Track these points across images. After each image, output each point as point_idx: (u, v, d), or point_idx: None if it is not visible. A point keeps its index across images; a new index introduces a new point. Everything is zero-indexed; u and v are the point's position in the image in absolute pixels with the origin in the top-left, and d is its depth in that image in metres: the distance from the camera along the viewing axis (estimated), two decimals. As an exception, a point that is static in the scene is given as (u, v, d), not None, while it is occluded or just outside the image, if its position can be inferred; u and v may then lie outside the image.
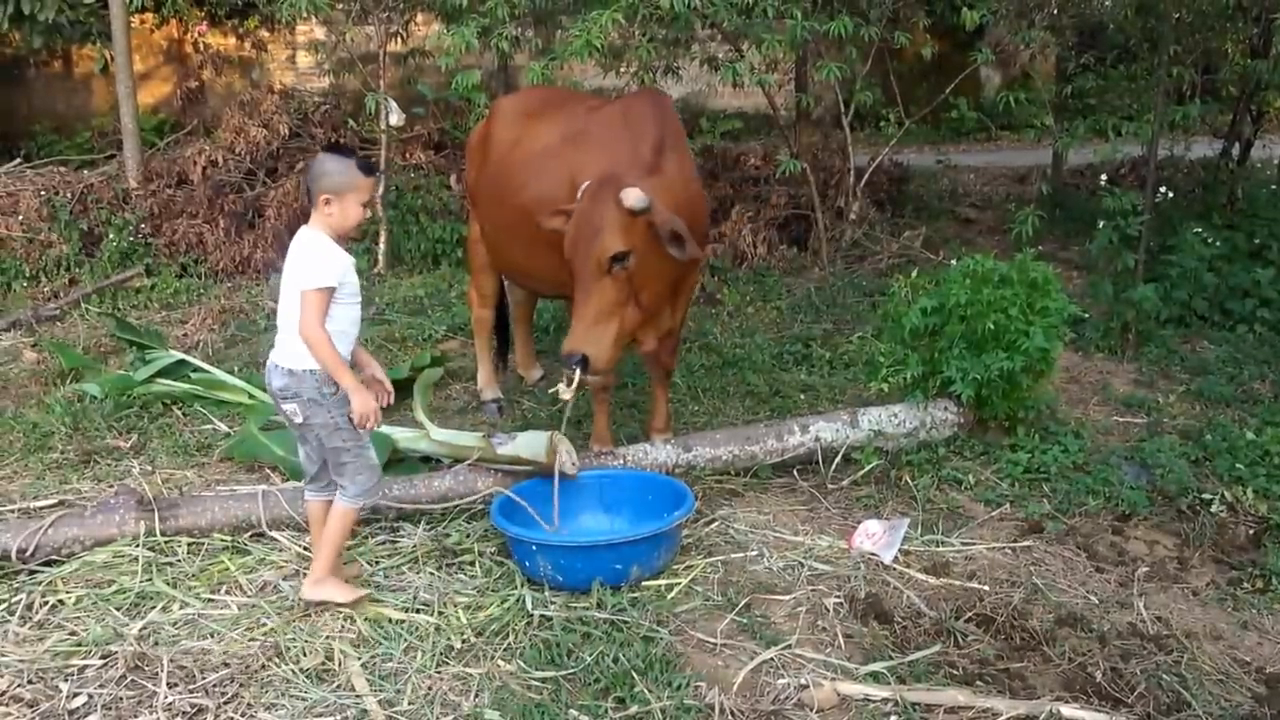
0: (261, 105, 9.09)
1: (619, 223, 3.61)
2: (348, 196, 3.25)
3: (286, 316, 3.31)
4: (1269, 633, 3.36)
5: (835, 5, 7.15)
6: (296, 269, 3.28)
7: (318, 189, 3.25)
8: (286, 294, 3.32)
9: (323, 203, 3.25)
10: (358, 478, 3.37)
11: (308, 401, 3.28)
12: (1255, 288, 6.34)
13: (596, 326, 3.67)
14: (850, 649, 3.21)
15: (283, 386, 3.31)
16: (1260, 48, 7.78)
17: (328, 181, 3.24)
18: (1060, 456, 4.42)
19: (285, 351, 3.31)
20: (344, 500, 3.39)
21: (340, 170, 3.25)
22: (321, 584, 3.37)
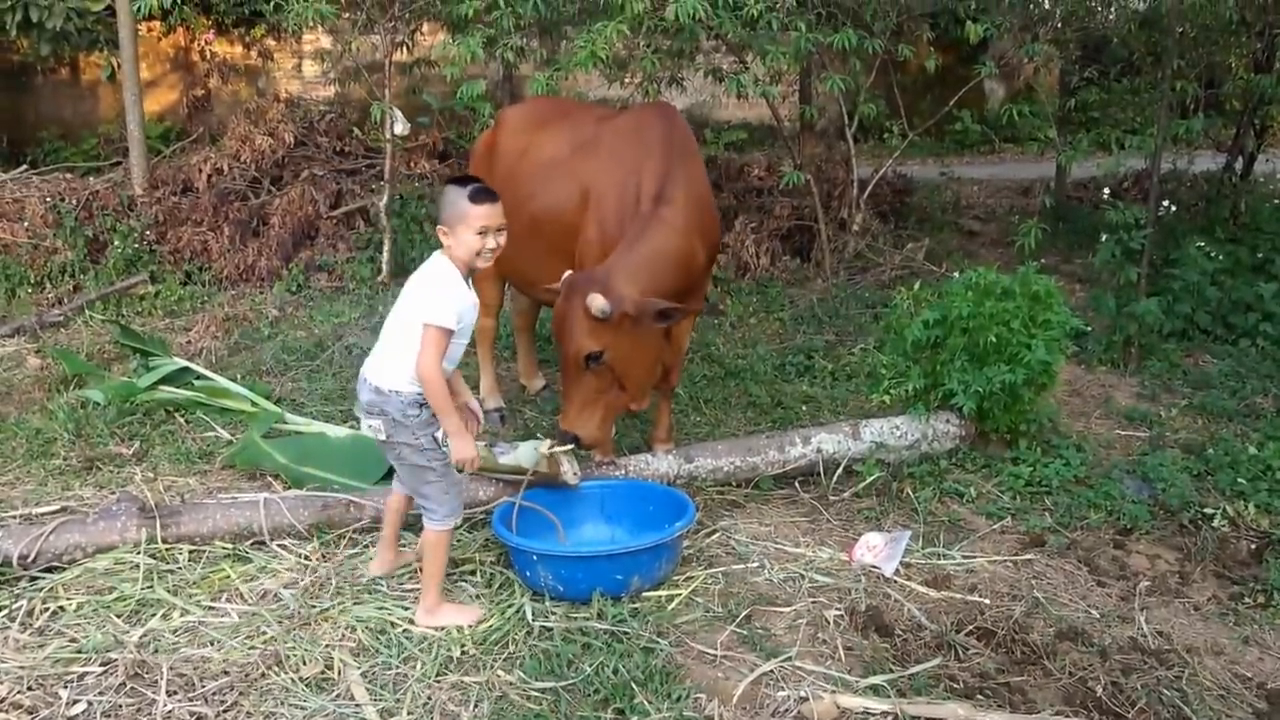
0: (267, 114, 9.12)
1: (589, 327, 3.74)
2: (458, 228, 3.26)
3: (393, 332, 3.34)
4: (1270, 648, 3.35)
5: (839, 18, 7.17)
6: (420, 297, 3.29)
7: (439, 218, 3.30)
8: (402, 311, 3.33)
9: (441, 235, 3.29)
10: (444, 498, 3.38)
11: (392, 421, 3.31)
12: (1258, 302, 6.35)
13: (584, 412, 3.87)
14: (850, 662, 3.20)
15: (369, 402, 3.35)
16: (1264, 62, 7.81)
17: (442, 213, 3.30)
18: (1062, 470, 4.42)
19: (378, 368, 3.34)
20: (434, 524, 3.38)
21: (452, 201, 3.27)
22: (434, 612, 3.37)
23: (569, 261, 4.24)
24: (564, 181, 4.35)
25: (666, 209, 4.02)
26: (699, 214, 4.17)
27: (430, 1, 7.67)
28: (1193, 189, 8.44)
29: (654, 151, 4.15)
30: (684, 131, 4.36)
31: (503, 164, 4.74)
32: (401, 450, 3.36)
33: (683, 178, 4.15)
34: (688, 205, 4.10)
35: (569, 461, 3.89)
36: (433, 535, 3.39)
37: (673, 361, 4.41)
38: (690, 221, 4.09)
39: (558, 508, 3.90)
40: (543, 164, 4.51)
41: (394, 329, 3.36)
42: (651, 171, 4.11)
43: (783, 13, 6.63)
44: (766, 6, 6.47)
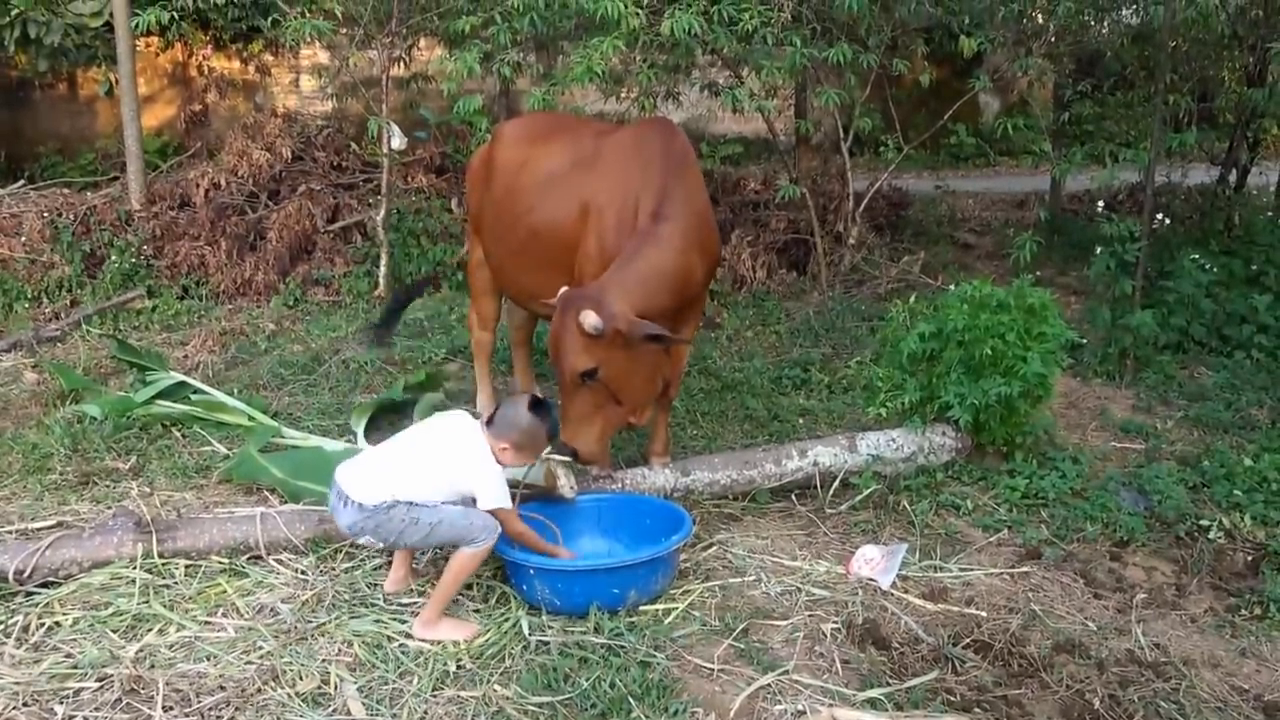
0: (265, 128, 9.14)
1: (581, 344, 3.75)
2: (525, 452, 3.49)
3: (402, 470, 3.40)
4: (1267, 660, 3.35)
5: (834, 33, 7.21)
6: (468, 475, 3.41)
7: (508, 431, 3.42)
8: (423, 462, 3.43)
9: (505, 441, 3.43)
10: (473, 525, 3.40)
11: (376, 527, 3.37)
12: (1253, 314, 6.36)
13: (582, 426, 3.88)
14: (848, 675, 3.20)
15: (351, 523, 3.40)
16: (1256, 76, 7.85)
17: (517, 437, 3.43)
18: (1058, 482, 4.42)
19: (368, 487, 3.37)
20: (474, 546, 3.41)
21: (532, 433, 3.46)
22: (432, 626, 3.40)
23: (567, 275, 4.25)
24: (563, 196, 4.37)
25: (664, 225, 4.03)
26: (697, 229, 4.19)
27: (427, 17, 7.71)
28: (1187, 202, 8.47)
29: (653, 166, 4.17)
30: (683, 146, 4.38)
31: (501, 178, 4.75)
32: (404, 538, 3.41)
33: (681, 193, 4.16)
34: (686, 221, 4.11)
35: (566, 475, 3.89)
36: (468, 555, 3.41)
37: (671, 375, 4.41)
38: (689, 237, 4.10)
39: (555, 521, 3.90)
40: (541, 178, 4.52)
41: (410, 471, 3.40)
42: (650, 186, 4.12)
43: (778, 28, 6.67)
44: (762, 21, 6.50)
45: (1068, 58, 8.52)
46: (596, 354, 3.76)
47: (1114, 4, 8.04)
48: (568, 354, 3.78)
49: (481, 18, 6.75)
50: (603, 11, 5.88)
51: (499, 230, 4.75)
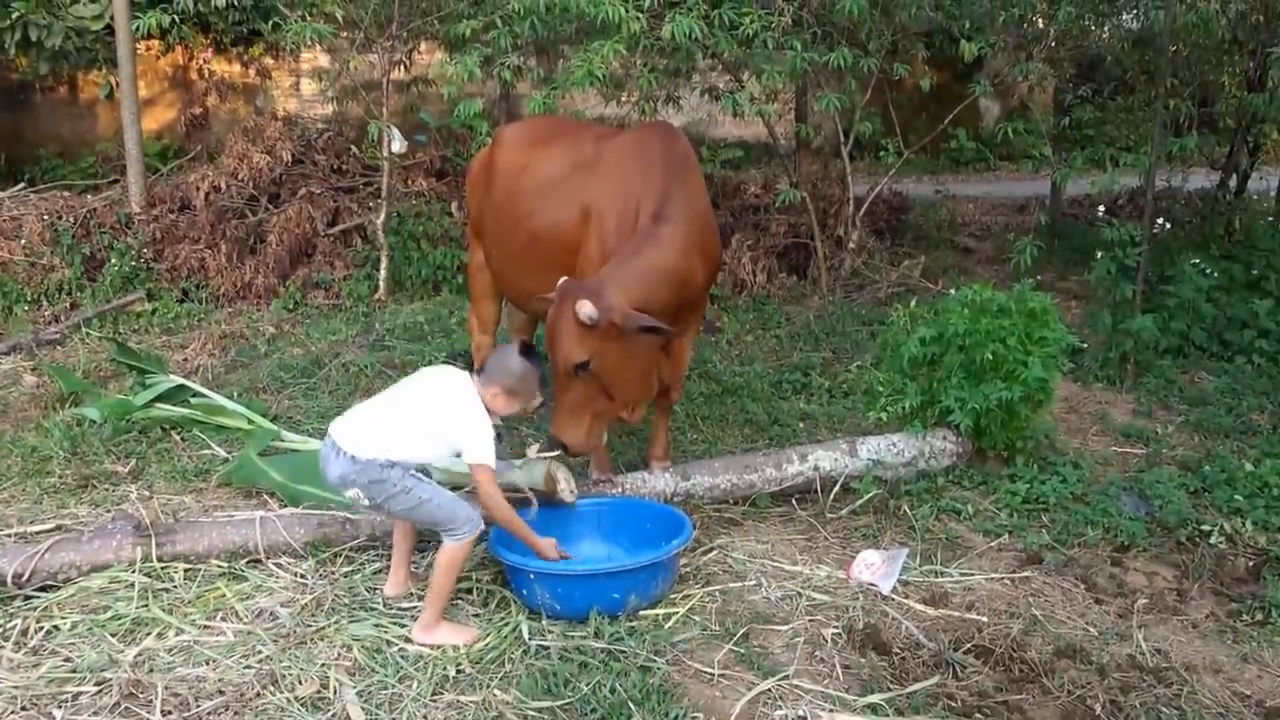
0: (265, 132, 9.14)
1: (576, 334, 3.74)
2: (519, 398, 3.53)
3: (394, 423, 3.40)
4: (1269, 666, 3.34)
5: (835, 37, 7.21)
6: (455, 424, 3.40)
7: (498, 378, 3.48)
8: (414, 414, 3.43)
9: (496, 388, 3.48)
10: (457, 514, 3.41)
11: (368, 484, 3.36)
12: (1253, 319, 6.36)
13: (571, 419, 3.87)
14: (848, 680, 3.19)
15: (343, 474, 3.38)
16: (1256, 81, 7.85)
17: (511, 381, 3.49)
18: (1059, 487, 4.42)
19: (359, 439, 3.37)
20: (456, 540, 3.40)
21: (525, 377, 3.52)
22: (431, 629, 3.39)
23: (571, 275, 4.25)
24: (564, 199, 4.37)
25: (665, 226, 4.03)
26: (699, 232, 4.18)
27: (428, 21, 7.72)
28: (1187, 206, 8.48)
29: (654, 169, 4.17)
30: (684, 150, 4.38)
31: (501, 182, 4.75)
32: (392, 504, 3.39)
33: (682, 196, 4.15)
34: (687, 223, 4.11)
35: (566, 479, 3.89)
36: (453, 549, 3.40)
37: (673, 378, 4.40)
38: (689, 240, 4.09)
39: (555, 526, 3.89)
40: (542, 182, 4.52)
41: (402, 424, 3.41)
42: (651, 189, 4.12)
43: (778, 32, 6.67)
44: (762, 26, 6.51)
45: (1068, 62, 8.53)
46: (590, 345, 3.74)
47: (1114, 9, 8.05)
48: (562, 344, 3.76)
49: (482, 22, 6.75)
50: (603, 15, 5.89)
51: (499, 234, 4.75)
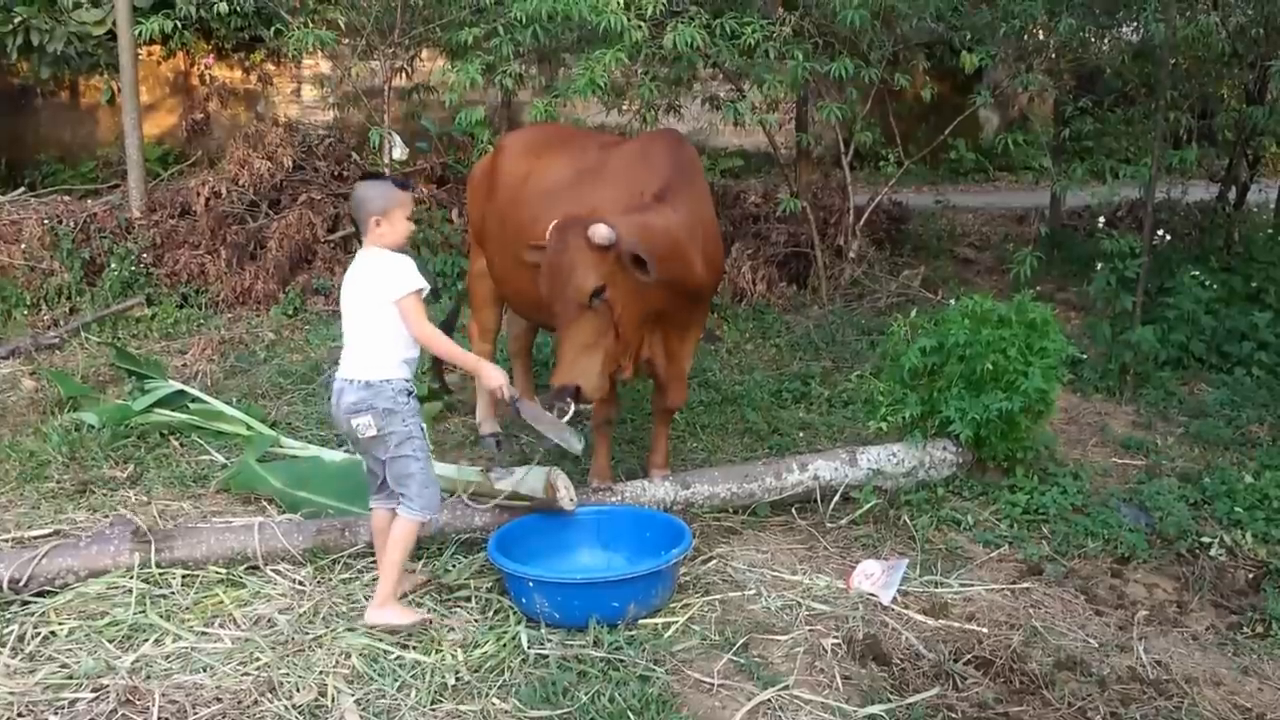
0: (266, 137, 9.14)
1: (591, 260, 3.69)
2: (394, 213, 3.49)
3: (362, 330, 3.47)
4: (1270, 678, 3.33)
5: (836, 47, 7.23)
6: (377, 283, 3.44)
7: (366, 214, 3.47)
8: (360, 311, 3.48)
9: (374, 224, 3.46)
10: (425, 491, 3.48)
11: (383, 412, 3.41)
12: (1253, 331, 6.36)
13: (582, 358, 3.74)
14: (848, 691, 3.18)
15: (356, 400, 3.43)
16: (1256, 94, 7.87)
17: (374, 205, 3.47)
18: (1059, 498, 4.41)
19: (359, 365, 3.46)
20: (409, 513, 3.47)
21: (381, 192, 3.51)
22: (383, 608, 3.44)
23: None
24: (568, 207, 4.35)
25: (666, 205, 4.01)
26: (702, 230, 4.17)
27: (430, 28, 7.73)
28: (1187, 218, 8.49)
29: (658, 174, 4.15)
30: (691, 156, 4.38)
31: (504, 189, 4.75)
32: (390, 439, 3.43)
33: (687, 195, 4.15)
34: (689, 214, 4.09)
35: (565, 488, 3.88)
36: (406, 524, 3.47)
37: (670, 376, 4.36)
38: (690, 229, 4.05)
39: (554, 533, 3.88)
40: (546, 189, 4.51)
41: (362, 327, 3.47)
42: (654, 190, 4.11)
43: (780, 42, 6.69)
44: (764, 35, 6.53)
45: (1068, 74, 8.54)
46: (605, 270, 3.67)
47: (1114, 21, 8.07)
48: (574, 274, 3.67)
49: (484, 29, 6.77)
50: (605, 24, 5.90)
51: (501, 241, 4.75)
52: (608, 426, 4.43)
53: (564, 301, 3.73)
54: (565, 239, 3.72)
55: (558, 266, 3.73)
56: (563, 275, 3.71)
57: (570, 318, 3.73)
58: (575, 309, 3.72)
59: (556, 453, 3.99)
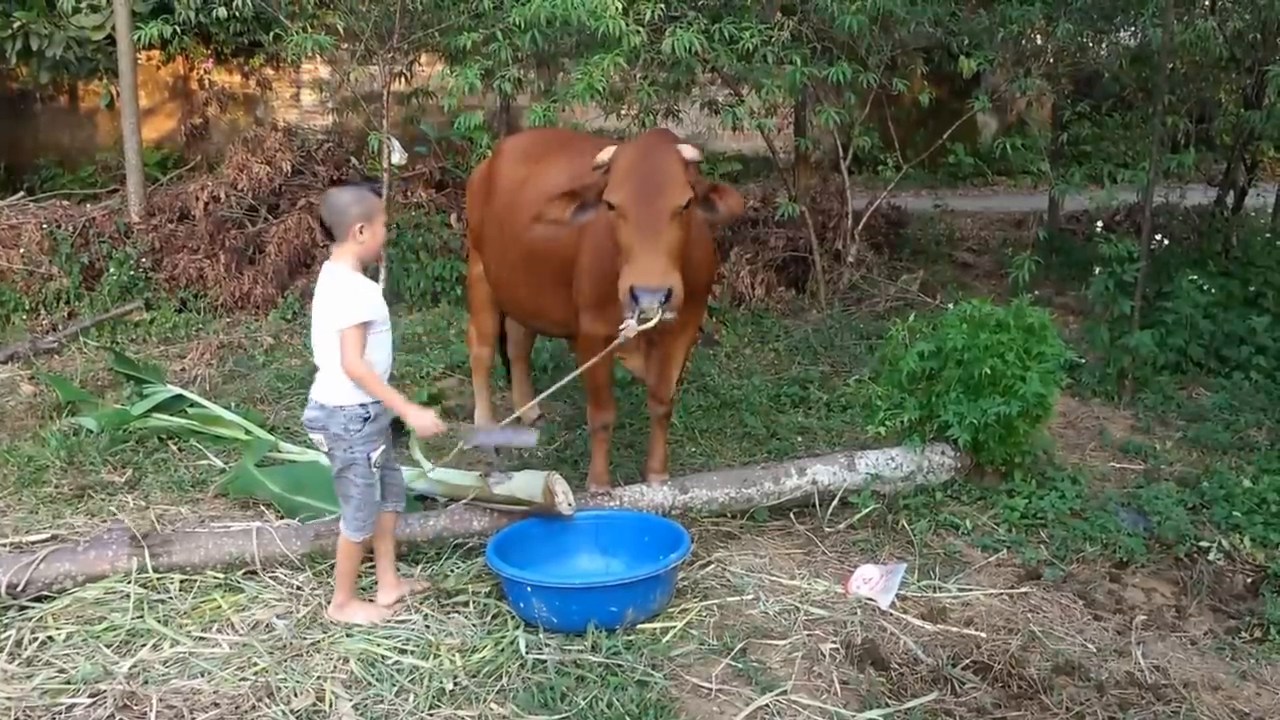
0: (265, 142, 9.15)
1: (684, 175, 3.78)
2: (376, 219, 3.49)
3: (323, 352, 3.48)
4: (1267, 683, 3.33)
5: (834, 52, 7.24)
6: (329, 307, 3.44)
7: (347, 221, 3.43)
8: (321, 330, 3.47)
9: (356, 231, 3.44)
10: (359, 514, 3.53)
11: (332, 435, 3.47)
12: (1251, 335, 6.36)
13: (672, 266, 3.72)
14: (846, 696, 3.18)
15: (312, 419, 3.51)
16: (1254, 98, 7.89)
17: (357, 211, 3.44)
18: (1057, 502, 4.41)
19: (320, 386, 3.50)
20: (345, 531, 3.56)
21: (361, 199, 3.50)
22: (343, 609, 3.57)
23: (566, 291, 4.24)
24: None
25: None
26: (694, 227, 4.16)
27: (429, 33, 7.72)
28: (1185, 222, 8.50)
29: None
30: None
31: (502, 194, 4.75)
32: (335, 460, 3.52)
33: None
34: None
35: (564, 492, 3.88)
36: (343, 541, 3.57)
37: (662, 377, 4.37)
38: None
39: (553, 538, 3.88)
40: (543, 194, 4.51)
41: (322, 349, 3.49)
42: None
43: (778, 46, 6.69)
44: (762, 40, 6.53)
45: (1066, 78, 8.56)
46: (691, 188, 3.77)
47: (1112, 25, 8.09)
48: (671, 186, 3.72)
49: (483, 34, 6.77)
50: (604, 29, 5.90)
51: (499, 246, 4.75)
52: (605, 431, 4.43)
53: (655, 209, 3.72)
54: (659, 152, 3.81)
55: (651, 175, 3.75)
56: (656, 184, 3.74)
57: (659, 227, 3.71)
58: (666, 218, 3.72)
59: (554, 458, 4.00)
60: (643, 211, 3.72)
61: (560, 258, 4.32)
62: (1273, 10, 6.74)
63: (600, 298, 4.14)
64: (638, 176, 3.76)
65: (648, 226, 3.71)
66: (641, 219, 3.72)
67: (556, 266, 4.33)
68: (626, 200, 3.74)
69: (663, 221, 3.72)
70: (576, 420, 5.46)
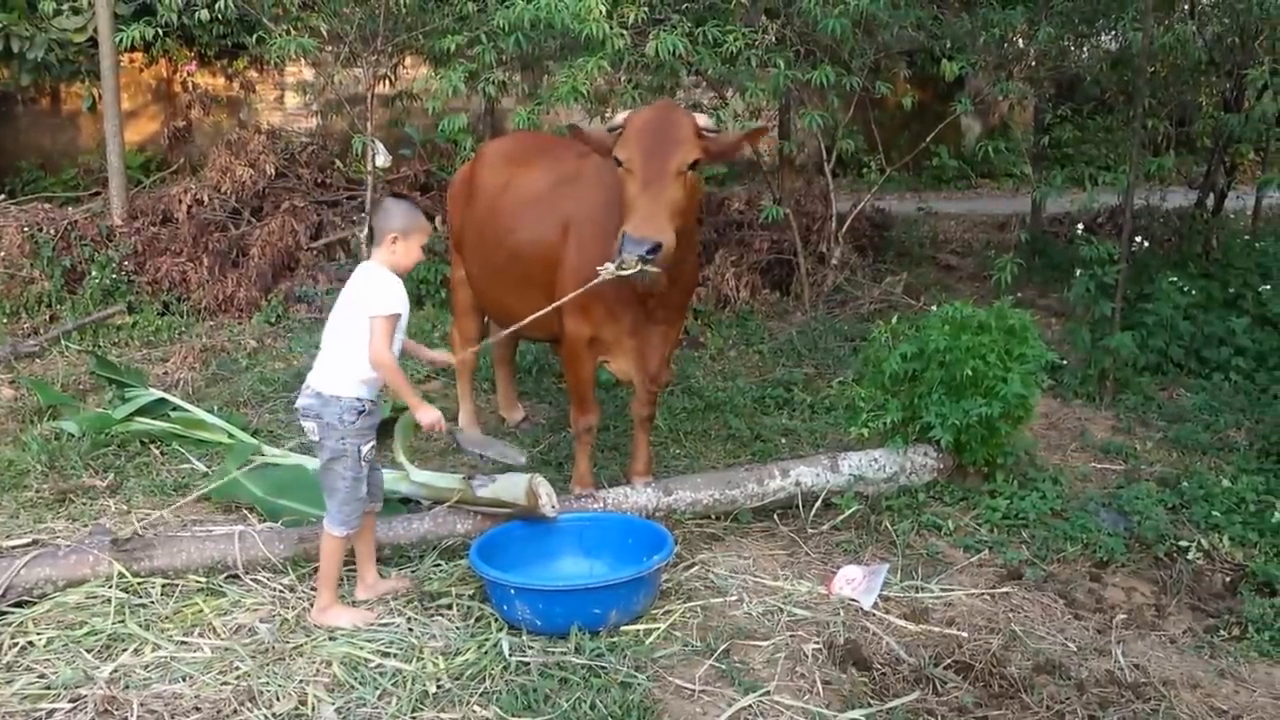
0: (248, 145, 9.12)
1: (695, 136, 3.89)
2: (412, 237, 3.56)
3: (335, 341, 3.54)
4: (1246, 681, 3.36)
5: (817, 55, 7.26)
6: (363, 297, 3.50)
7: (385, 229, 3.54)
8: (342, 320, 3.54)
9: (389, 241, 3.53)
10: (344, 508, 3.54)
11: (325, 424, 3.48)
12: (1230, 336, 6.42)
13: (664, 218, 3.79)
14: (829, 696, 3.20)
15: (305, 406, 3.53)
16: (1233, 101, 7.96)
17: (396, 222, 3.53)
18: (1039, 503, 4.44)
19: (320, 373, 3.54)
20: (329, 527, 3.55)
21: (407, 213, 3.57)
22: (326, 611, 3.56)
23: (548, 295, 4.25)
24: (545, 215, 4.37)
25: None
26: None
27: (413, 35, 7.73)
28: (1165, 225, 8.57)
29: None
30: None
31: (483, 198, 4.76)
32: (324, 451, 3.53)
33: None
34: None
35: (547, 495, 3.88)
36: (326, 538, 3.56)
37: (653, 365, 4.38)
38: None
39: (536, 540, 3.88)
40: (524, 198, 4.53)
41: (338, 336, 3.55)
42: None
43: (762, 49, 6.72)
44: (746, 43, 6.55)
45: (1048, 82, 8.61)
46: (700, 150, 3.88)
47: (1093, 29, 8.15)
48: (680, 143, 3.84)
49: (467, 37, 6.78)
50: (588, 32, 5.91)
51: (481, 250, 4.76)
52: (589, 434, 4.44)
53: (659, 162, 3.81)
54: (672, 115, 3.95)
55: (662, 132, 3.85)
56: (666, 140, 3.84)
57: (663, 181, 3.80)
58: (670, 173, 3.81)
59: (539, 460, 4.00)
60: (648, 165, 3.81)
61: (542, 261, 4.33)
62: (1250, 14, 6.79)
63: (584, 300, 4.15)
64: (647, 134, 3.87)
65: (651, 181, 3.80)
66: (647, 173, 3.81)
67: (539, 269, 4.34)
68: (634, 155, 3.84)
69: (667, 177, 3.81)
70: (560, 423, 5.46)
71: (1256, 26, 7.00)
